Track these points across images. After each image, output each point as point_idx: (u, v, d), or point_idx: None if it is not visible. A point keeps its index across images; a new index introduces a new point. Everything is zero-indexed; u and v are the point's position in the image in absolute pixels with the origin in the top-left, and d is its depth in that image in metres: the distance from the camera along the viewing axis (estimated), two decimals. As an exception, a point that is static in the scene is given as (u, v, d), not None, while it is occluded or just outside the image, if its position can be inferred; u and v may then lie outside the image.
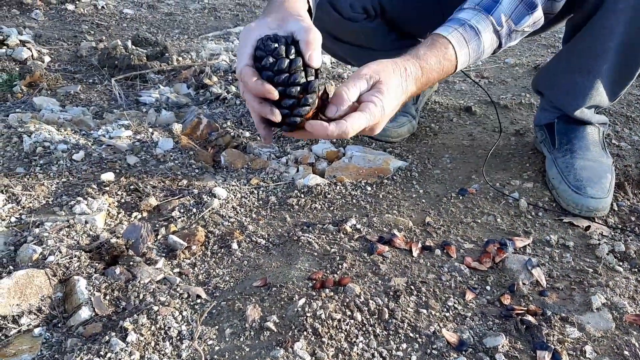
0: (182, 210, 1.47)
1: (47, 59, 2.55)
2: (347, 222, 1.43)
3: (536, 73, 1.97)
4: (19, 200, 1.45)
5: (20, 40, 2.60)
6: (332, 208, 1.52)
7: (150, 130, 1.87)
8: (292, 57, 0.93)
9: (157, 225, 1.42)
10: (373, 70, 1.00)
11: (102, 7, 3.30)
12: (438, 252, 1.35)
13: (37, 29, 2.91)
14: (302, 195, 1.57)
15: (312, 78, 0.95)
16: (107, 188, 1.51)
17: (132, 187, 1.53)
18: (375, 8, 1.65)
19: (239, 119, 2.05)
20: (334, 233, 1.40)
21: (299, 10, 1.03)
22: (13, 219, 1.38)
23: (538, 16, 1.25)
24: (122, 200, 1.49)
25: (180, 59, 2.58)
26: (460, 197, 1.58)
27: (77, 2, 3.29)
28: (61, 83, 2.34)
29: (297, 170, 1.72)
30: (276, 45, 0.92)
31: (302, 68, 0.93)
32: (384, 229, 1.43)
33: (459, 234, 1.43)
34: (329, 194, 1.58)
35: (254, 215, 1.48)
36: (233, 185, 1.60)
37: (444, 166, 1.76)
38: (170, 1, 3.66)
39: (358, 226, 1.43)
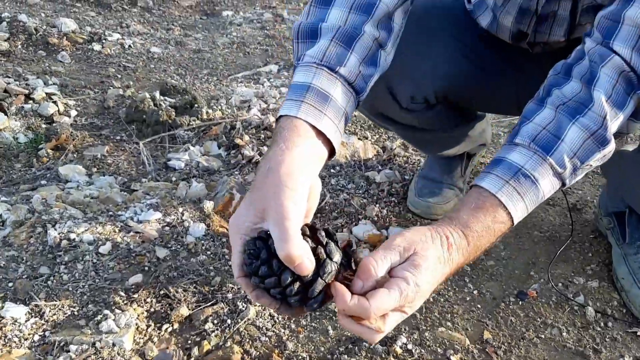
0: (215, 321, 1.36)
1: (73, 112, 2.46)
2: (396, 341, 1.30)
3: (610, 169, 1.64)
4: (42, 312, 1.35)
5: (46, 93, 2.51)
6: (378, 316, 1.39)
7: (181, 210, 1.76)
8: (277, 271, 0.82)
9: (190, 342, 1.31)
10: (408, 240, 0.85)
11: (129, 46, 3.21)
12: (500, 383, 1.21)
13: (64, 74, 2.83)
14: (345, 298, 1.44)
15: (312, 278, 0.82)
16: (136, 295, 1.40)
17: (162, 292, 1.42)
18: (438, 97, 1.49)
19: (273, 189, 1.92)
20: (384, 356, 1.27)
21: (287, 194, 0.83)
22: (36, 337, 1.28)
23: (610, 149, 1.01)
24: (152, 310, 1.38)
25: (210, 111, 2.47)
26: (520, 303, 1.44)
27: (104, 42, 3.20)
28: (88, 141, 2.25)
29: (338, 261, 1.59)
30: (258, 262, 0.83)
31: (294, 279, 0.82)
32: (439, 349, 1.29)
33: (521, 354, 1.29)
34: (374, 296, 1.45)
35: (293, 326, 1.36)
36: (270, 285, 1.48)
37: (497, 255, 1.61)
38: (198, 35, 3.55)
39: (409, 346, 1.29)
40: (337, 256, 0.84)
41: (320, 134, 0.93)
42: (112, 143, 2.25)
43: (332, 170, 2.07)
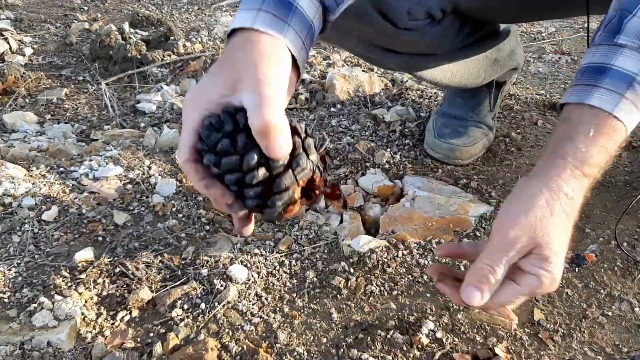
0: (186, 306, 1.05)
1: (28, 50, 2.10)
2: (421, 328, 0.99)
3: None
4: (-39, 301, 1.04)
5: (-5, 29, 2.15)
6: (395, 293, 1.08)
7: (148, 163, 1.43)
8: (241, 150, 0.66)
9: (152, 335, 1.00)
10: (526, 230, 0.68)
11: (98, -26, 2.81)
12: (562, 383, 0.91)
13: (21, 8, 2.45)
14: (352, 269, 1.13)
15: (281, 169, 0.67)
16: (84, 275, 1.09)
17: (118, 270, 1.11)
18: (445, 8, 1.13)
19: (262, 133, 1.58)
20: (405, 349, 0.96)
21: (266, 63, 0.66)
22: (-49, 335, 0.98)
23: None
24: (104, 293, 1.07)
25: (188, 44, 2.10)
26: (576, 269, 1.12)
27: (69, -29, 2.80)
28: (44, 84, 1.90)
29: (341, 221, 1.28)
30: (219, 135, 0.66)
31: (260, 163, 0.66)
32: (477, 336, 0.99)
33: (585, 339, 0.98)
34: (389, 265, 1.13)
35: (286, 309, 1.05)
36: (256, 255, 1.17)
37: (540, 207, 1.29)
38: (177, -38, 3.13)
39: (438, 334, 0.99)
40: (314, 156, 0.70)
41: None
42: (72, 85, 1.91)
43: (332, 109, 1.73)
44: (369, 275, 1.12)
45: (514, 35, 1.49)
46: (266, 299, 1.08)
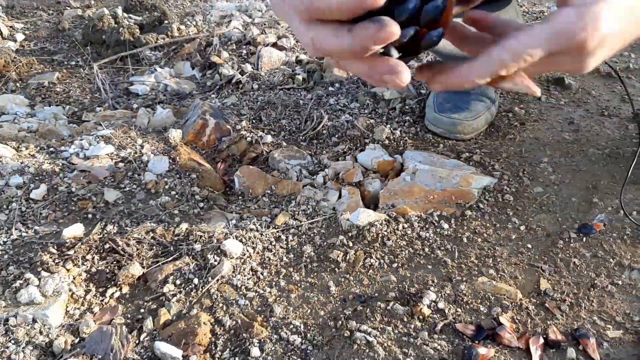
0: (178, 282, 1.01)
1: (20, 36, 2.06)
2: (422, 298, 0.95)
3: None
4: (-56, 279, 1.00)
5: (-14, 16, 2.11)
6: (395, 265, 1.04)
7: (140, 142, 1.39)
8: None
9: (143, 311, 0.96)
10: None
11: (92, -38, 2.77)
12: (571, 352, 0.86)
13: (13, -5, 2.41)
14: (351, 243, 1.09)
15: None
16: (72, 252, 1.05)
17: (107, 246, 1.07)
18: None
19: (258, 112, 1.55)
20: (405, 320, 0.92)
21: None
22: None
23: None
24: (93, 270, 1.03)
25: (182, 27, 2.06)
26: (584, 239, 1.08)
27: (63, -41, 2.76)
28: (36, 69, 1.86)
29: (340, 196, 1.24)
30: None
31: None
32: (481, 307, 0.94)
33: (593, 308, 0.94)
34: (388, 238, 1.09)
35: (282, 284, 1.01)
36: (251, 230, 1.13)
37: (546, 179, 1.25)
38: (172, -51, 3.09)
39: (440, 304, 0.95)
40: None
41: None
42: (65, 70, 1.87)
43: (330, 89, 1.68)
44: (368, 249, 1.07)
45: (512, 6, 1.45)
46: (262, 274, 1.03)
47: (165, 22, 2.10)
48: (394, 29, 0.45)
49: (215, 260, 1.04)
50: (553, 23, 0.50)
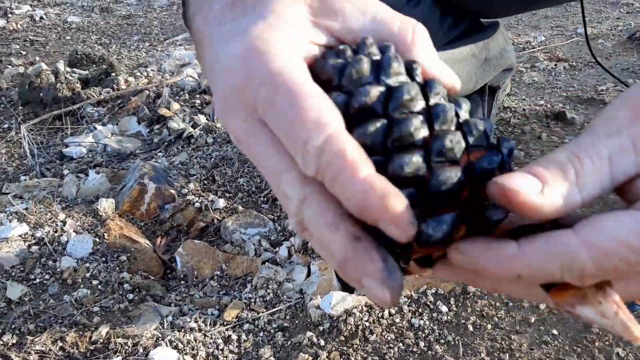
0: (87, 415, 0.74)
1: (-53, 100, 1.82)
2: None
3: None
4: None
5: None
6: (382, 371, 0.78)
7: (62, 217, 1.13)
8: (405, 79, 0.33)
9: None
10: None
11: (41, 17, 2.56)
12: None
13: (-50, 56, 2.19)
14: (322, 341, 0.82)
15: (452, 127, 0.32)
16: (-58, 380, 0.78)
17: (-6, 367, 0.80)
18: None
19: (210, 171, 1.30)
20: None
21: None
22: None
23: None
24: (-29, 404, 0.76)
25: (131, 79, 1.83)
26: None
27: (9, 16, 2.56)
28: (-39, 135, 1.61)
29: (308, 274, 0.98)
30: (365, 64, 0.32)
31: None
32: None
33: None
34: (372, 331, 0.83)
35: (230, 408, 0.74)
36: (192, 330, 0.86)
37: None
38: (130, 0, 2.90)
39: None
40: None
41: None
42: (-7, 134, 1.62)
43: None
44: (345, 348, 0.81)
45: (500, 32, 1.24)
46: (202, 394, 0.77)
47: (113, 74, 1.87)
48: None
49: (140, 380, 0.77)
50: None
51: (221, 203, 1.17)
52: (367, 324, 0.84)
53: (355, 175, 0.28)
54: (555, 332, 0.82)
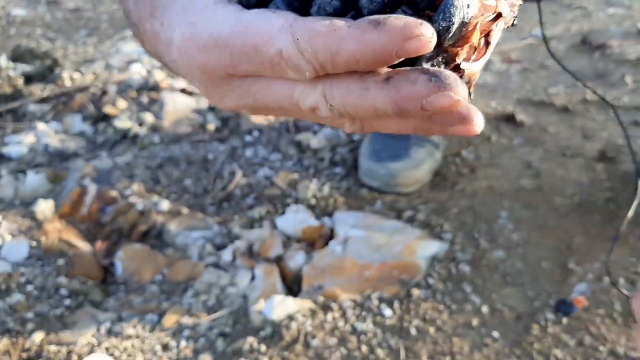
0: None
1: None
2: None
3: None
4: None
5: None
6: (323, 377, 0.77)
7: (-3, 219, 1.09)
8: None
9: None
10: None
11: (-16, 9, 2.47)
12: None
13: None
14: (263, 347, 0.81)
15: None
16: None
17: None
18: None
19: (155, 172, 1.27)
20: None
21: None
22: None
23: None
24: None
25: (76, 75, 1.78)
26: (564, 320, 0.84)
27: (-52, 6, 2.45)
28: None
29: (252, 278, 0.96)
30: None
31: None
32: None
33: None
34: (314, 336, 0.82)
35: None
36: (129, 337, 0.84)
37: (507, 240, 1.01)
38: (80, -7, 2.82)
39: None
40: None
41: None
42: None
43: (247, 138, 1.42)
44: (286, 353, 0.80)
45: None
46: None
47: (57, 70, 1.81)
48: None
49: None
50: None
51: (165, 205, 1.14)
52: (309, 328, 0.83)
53: (343, 36, 0.27)
54: (495, 334, 0.82)
